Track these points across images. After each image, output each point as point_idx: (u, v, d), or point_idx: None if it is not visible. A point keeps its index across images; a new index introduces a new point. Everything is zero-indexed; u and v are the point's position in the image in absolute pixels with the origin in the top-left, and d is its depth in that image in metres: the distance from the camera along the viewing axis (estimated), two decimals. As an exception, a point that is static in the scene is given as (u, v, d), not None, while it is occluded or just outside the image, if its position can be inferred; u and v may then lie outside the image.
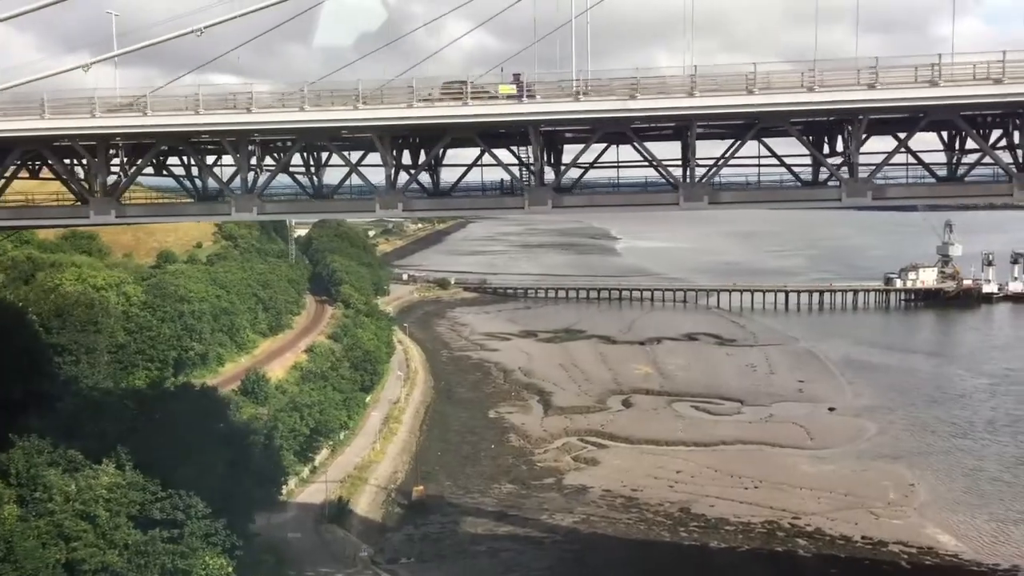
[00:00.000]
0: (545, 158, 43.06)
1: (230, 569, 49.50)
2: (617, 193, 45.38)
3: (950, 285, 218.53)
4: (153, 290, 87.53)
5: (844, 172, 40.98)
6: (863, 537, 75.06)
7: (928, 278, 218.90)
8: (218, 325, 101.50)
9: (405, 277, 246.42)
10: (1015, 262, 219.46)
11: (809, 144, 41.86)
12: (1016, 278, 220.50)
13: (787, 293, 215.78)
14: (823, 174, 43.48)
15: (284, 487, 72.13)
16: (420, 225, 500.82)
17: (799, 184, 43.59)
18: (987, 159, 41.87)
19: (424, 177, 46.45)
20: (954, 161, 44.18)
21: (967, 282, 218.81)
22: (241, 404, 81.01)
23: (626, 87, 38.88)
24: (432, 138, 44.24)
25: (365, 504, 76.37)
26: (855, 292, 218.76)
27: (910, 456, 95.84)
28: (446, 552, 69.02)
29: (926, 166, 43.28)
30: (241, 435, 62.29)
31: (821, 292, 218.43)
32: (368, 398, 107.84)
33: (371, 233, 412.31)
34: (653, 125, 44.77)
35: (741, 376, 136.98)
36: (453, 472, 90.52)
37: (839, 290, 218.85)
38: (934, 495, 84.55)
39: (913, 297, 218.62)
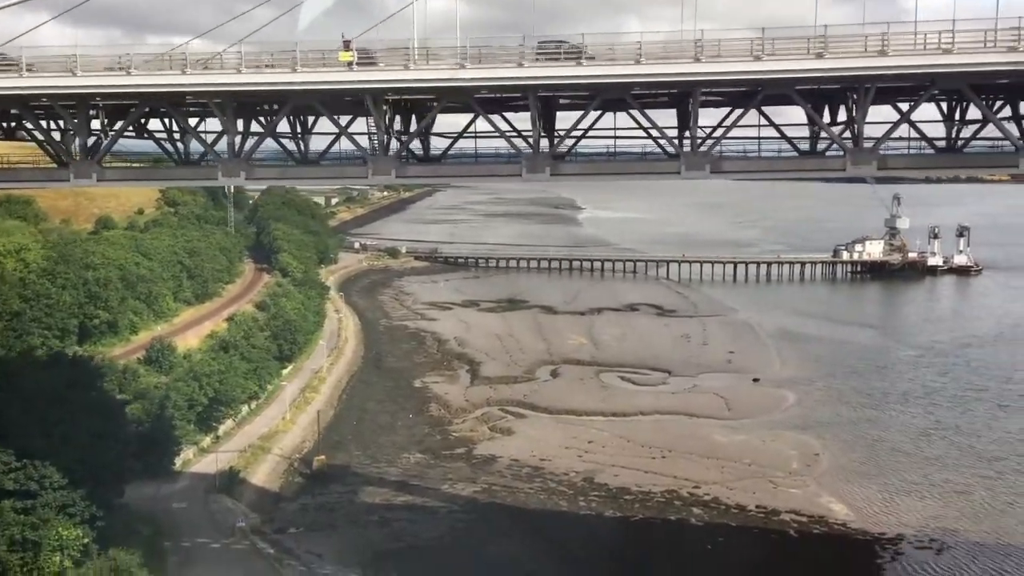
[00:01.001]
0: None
1: (87, 540, 49.04)
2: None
3: (896, 258, 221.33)
4: (56, 257, 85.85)
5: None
6: (757, 506, 76.16)
7: (875, 250, 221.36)
8: (134, 293, 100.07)
9: (357, 246, 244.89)
10: (960, 235, 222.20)
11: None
12: (961, 251, 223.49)
13: (735, 265, 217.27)
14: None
15: (178, 457, 71.62)
16: (385, 193, 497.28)
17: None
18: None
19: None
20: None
21: (912, 255, 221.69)
22: (142, 373, 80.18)
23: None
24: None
25: (264, 474, 76.21)
26: (802, 264, 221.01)
27: (820, 427, 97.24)
28: (338, 522, 69.09)
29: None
30: (113, 405, 61.51)
31: (769, 264, 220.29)
32: (289, 367, 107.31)
33: (333, 201, 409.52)
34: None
35: (674, 347, 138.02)
36: (365, 442, 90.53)
37: (786, 262, 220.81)
38: (835, 465, 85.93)
39: (860, 269, 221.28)
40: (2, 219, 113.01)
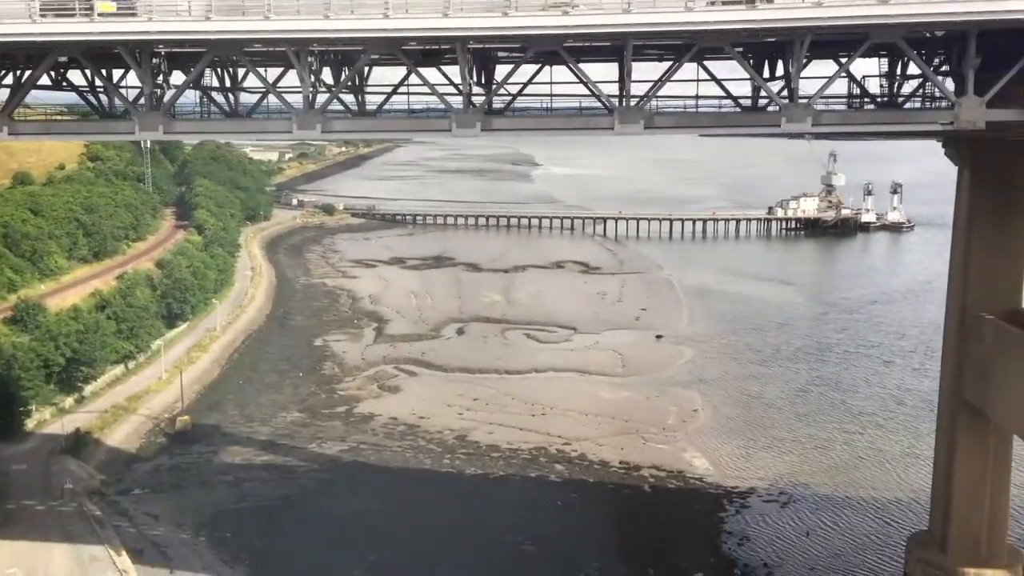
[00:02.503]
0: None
1: None
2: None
3: (830, 215, 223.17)
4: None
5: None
6: (621, 462, 77.15)
7: (809, 207, 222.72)
8: (17, 251, 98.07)
9: (295, 202, 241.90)
10: (894, 192, 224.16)
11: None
12: (895, 208, 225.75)
13: (671, 222, 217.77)
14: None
15: (31, 418, 70.76)
16: (342, 149, 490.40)
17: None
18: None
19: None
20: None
21: (846, 211, 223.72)
22: (6, 333, 78.80)
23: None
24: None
25: (123, 435, 75.71)
26: (738, 221, 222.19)
27: (706, 383, 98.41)
28: (187, 482, 68.97)
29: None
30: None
31: (704, 221, 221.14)
32: (183, 326, 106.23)
33: (287, 156, 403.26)
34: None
35: (587, 304, 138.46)
36: (244, 401, 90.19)
37: (722, 219, 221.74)
38: (710, 421, 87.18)
39: (795, 226, 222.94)
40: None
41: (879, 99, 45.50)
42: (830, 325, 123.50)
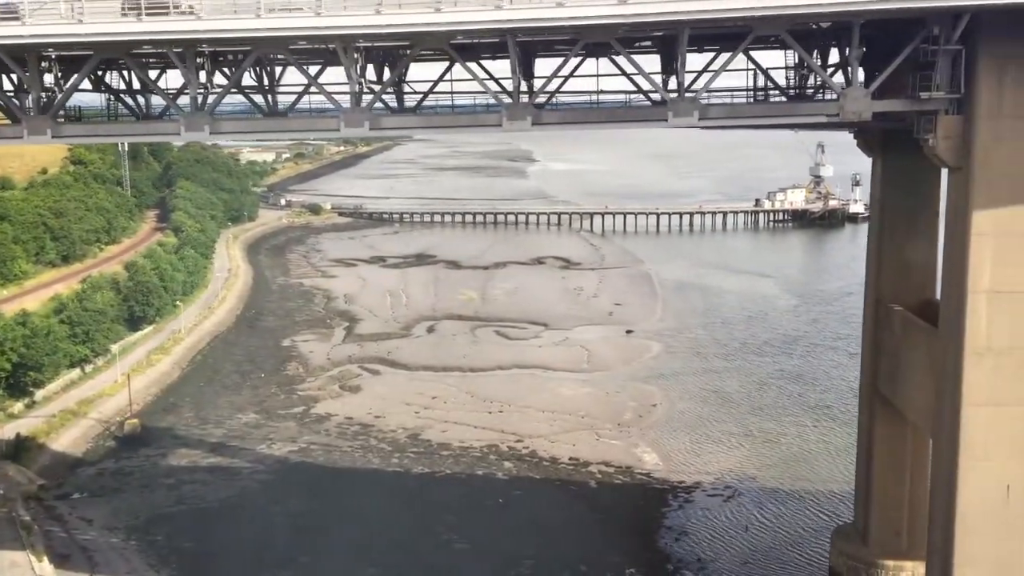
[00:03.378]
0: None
1: None
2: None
3: (817, 206, 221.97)
4: None
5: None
6: (571, 458, 76.90)
7: (796, 199, 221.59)
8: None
9: (283, 202, 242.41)
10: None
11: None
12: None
13: (658, 216, 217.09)
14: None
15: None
16: (340, 148, 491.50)
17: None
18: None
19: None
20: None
21: (833, 202, 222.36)
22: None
23: None
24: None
25: (70, 439, 75.93)
26: (724, 214, 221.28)
27: (668, 378, 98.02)
28: (128, 486, 69.12)
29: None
30: None
31: (691, 215, 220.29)
32: (148, 329, 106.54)
33: (284, 156, 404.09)
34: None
35: (562, 300, 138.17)
36: (201, 403, 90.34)
37: (708, 212, 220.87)
38: (666, 416, 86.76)
39: (782, 218, 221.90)
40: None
41: (790, 91, 45.33)
42: (801, 317, 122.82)
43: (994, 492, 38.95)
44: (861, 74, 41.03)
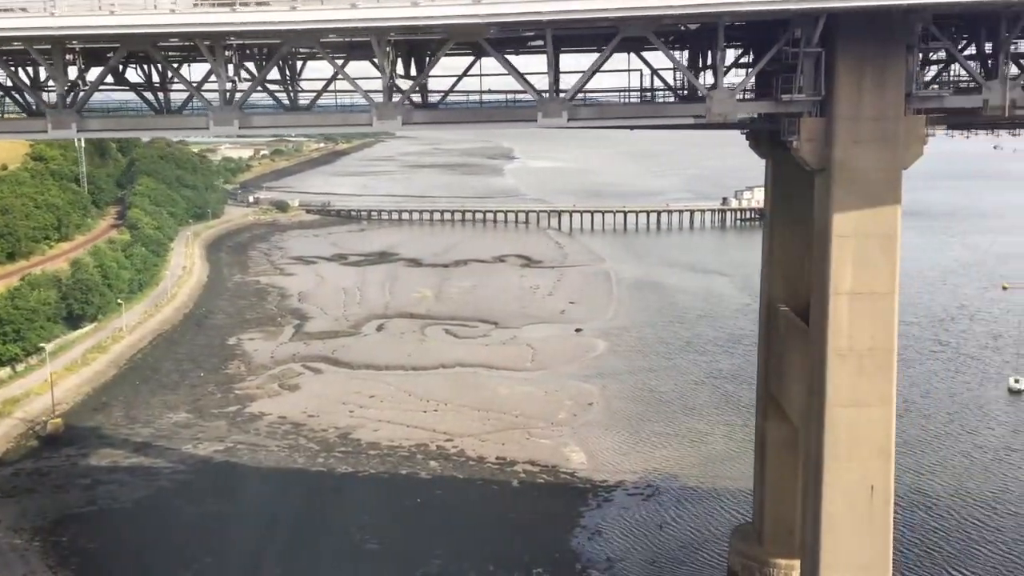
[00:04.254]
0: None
1: None
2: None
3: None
4: None
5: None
6: (498, 458, 76.83)
7: (761, 197, 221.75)
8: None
9: (251, 199, 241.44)
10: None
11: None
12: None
13: (625, 214, 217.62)
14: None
15: None
16: (320, 145, 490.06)
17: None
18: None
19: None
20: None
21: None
22: None
23: None
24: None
25: (-10, 438, 75.58)
26: (692, 212, 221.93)
27: (609, 376, 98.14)
28: (43, 486, 68.57)
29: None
30: None
31: (659, 213, 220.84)
32: (89, 327, 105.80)
33: (263, 153, 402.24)
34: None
35: (517, 298, 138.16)
36: (134, 402, 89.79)
37: (676, 210, 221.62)
38: (601, 415, 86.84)
39: (749, 216, 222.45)
40: None
41: (681, 91, 45.35)
42: (749, 316, 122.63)
43: (858, 492, 39.13)
44: (735, 76, 41.30)
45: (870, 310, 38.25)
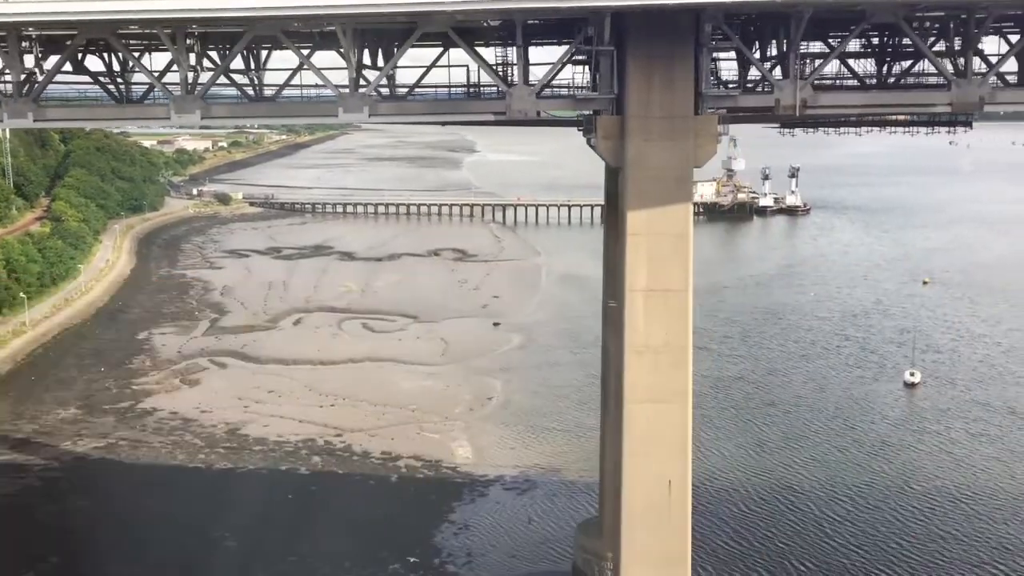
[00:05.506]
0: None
1: None
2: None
3: (727, 199, 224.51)
4: None
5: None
6: (383, 452, 76.44)
7: (707, 192, 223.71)
8: None
9: (195, 192, 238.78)
10: (792, 176, 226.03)
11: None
12: (793, 191, 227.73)
13: (569, 208, 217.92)
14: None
15: None
16: (280, 137, 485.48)
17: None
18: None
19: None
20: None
21: (742, 196, 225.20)
22: None
23: None
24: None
25: None
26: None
27: (515, 371, 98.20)
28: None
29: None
30: None
31: (604, 206, 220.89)
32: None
33: (223, 144, 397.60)
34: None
35: (442, 292, 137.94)
36: (24, 398, 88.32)
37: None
38: (497, 409, 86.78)
39: (693, 211, 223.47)
40: None
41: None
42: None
43: (656, 487, 39.38)
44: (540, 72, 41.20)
45: (664, 308, 38.47)
